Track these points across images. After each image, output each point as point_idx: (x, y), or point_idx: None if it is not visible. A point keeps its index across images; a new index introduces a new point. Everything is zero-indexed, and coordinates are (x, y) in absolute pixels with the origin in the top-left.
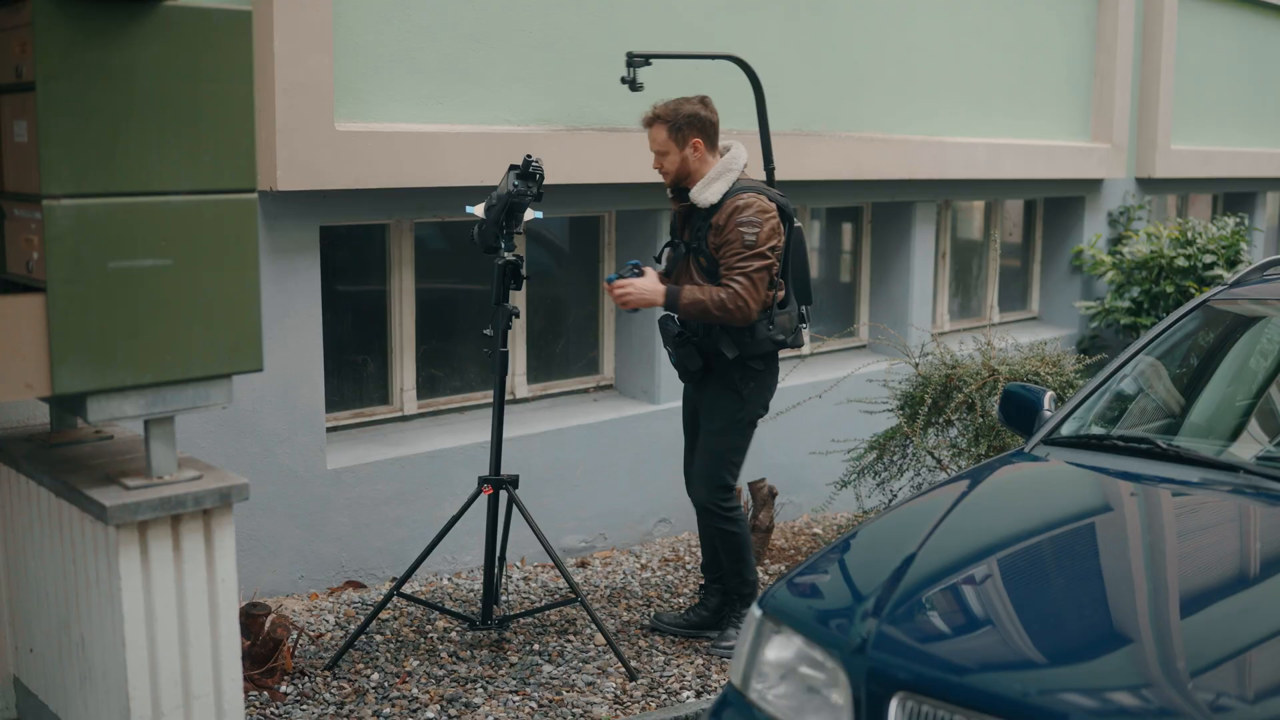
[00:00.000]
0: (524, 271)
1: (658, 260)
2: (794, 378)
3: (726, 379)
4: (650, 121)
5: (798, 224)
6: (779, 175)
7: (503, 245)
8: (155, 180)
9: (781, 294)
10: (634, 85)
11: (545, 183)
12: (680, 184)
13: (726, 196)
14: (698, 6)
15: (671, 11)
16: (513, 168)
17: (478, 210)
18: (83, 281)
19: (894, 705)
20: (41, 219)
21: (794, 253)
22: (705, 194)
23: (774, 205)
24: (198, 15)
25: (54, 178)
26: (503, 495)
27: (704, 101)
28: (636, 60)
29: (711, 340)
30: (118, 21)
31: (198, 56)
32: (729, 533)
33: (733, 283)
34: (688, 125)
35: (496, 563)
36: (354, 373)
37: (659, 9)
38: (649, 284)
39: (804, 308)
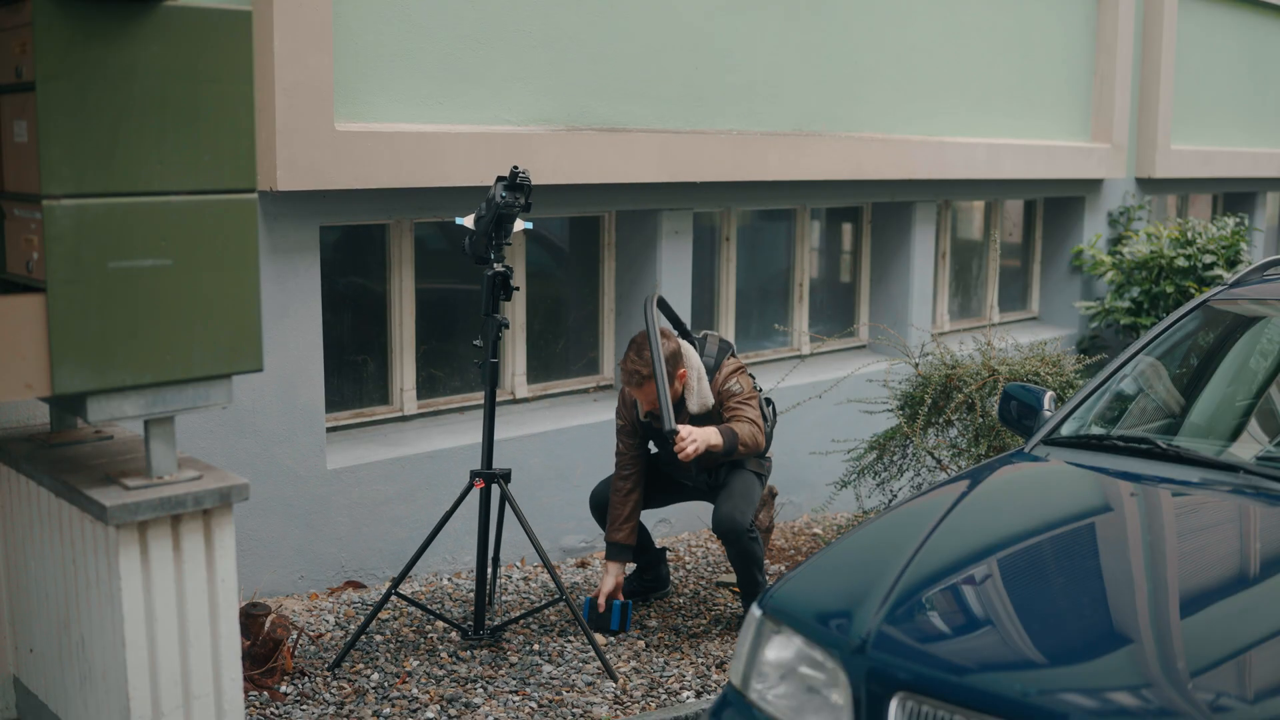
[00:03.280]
0: (514, 283)
1: (662, 437)
2: (794, 378)
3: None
4: (642, 381)
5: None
6: (777, 175)
7: (493, 256)
8: (155, 180)
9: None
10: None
11: (546, 183)
12: None
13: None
14: (698, 6)
15: (671, 11)
16: (500, 179)
17: (467, 221)
18: (82, 281)
19: (894, 705)
20: (41, 219)
21: None
22: (700, 401)
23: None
24: (198, 15)
25: (54, 178)
26: (496, 492)
27: (666, 334)
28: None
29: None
30: (117, 21)
31: (198, 56)
32: (754, 549)
33: (744, 420)
34: (673, 368)
35: (490, 564)
36: (354, 372)
37: (659, 9)
38: (702, 431)
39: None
